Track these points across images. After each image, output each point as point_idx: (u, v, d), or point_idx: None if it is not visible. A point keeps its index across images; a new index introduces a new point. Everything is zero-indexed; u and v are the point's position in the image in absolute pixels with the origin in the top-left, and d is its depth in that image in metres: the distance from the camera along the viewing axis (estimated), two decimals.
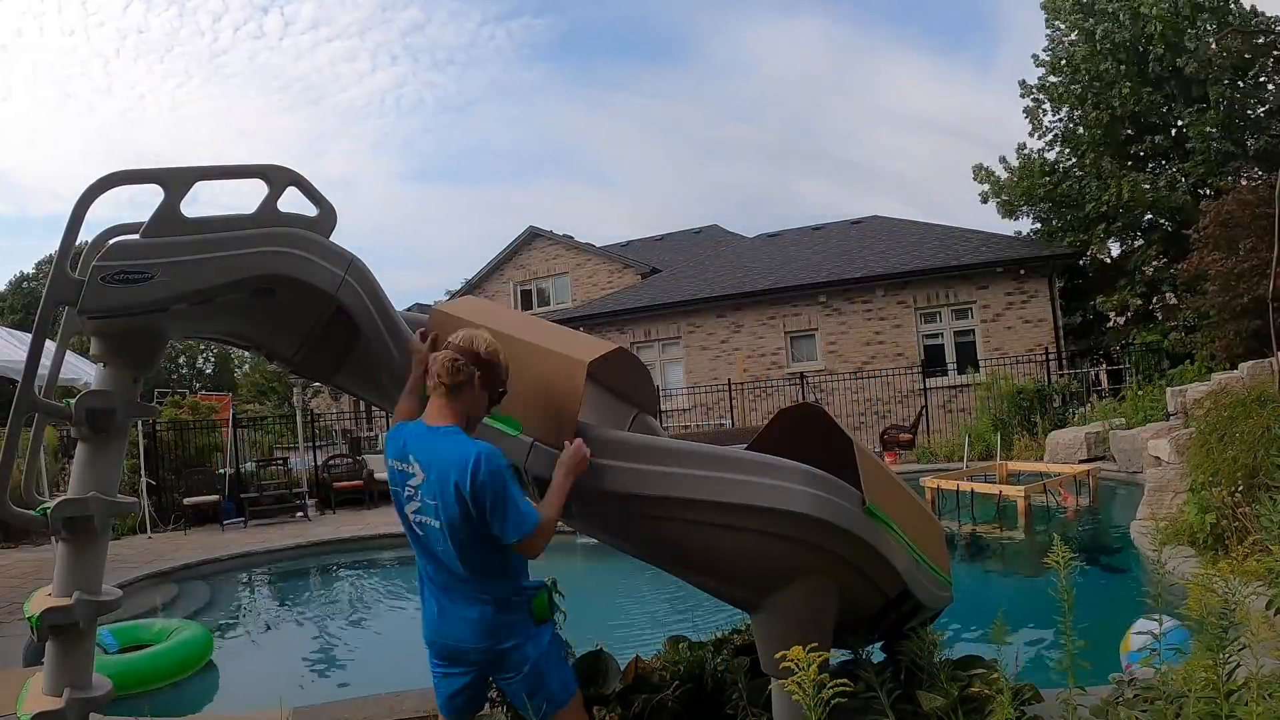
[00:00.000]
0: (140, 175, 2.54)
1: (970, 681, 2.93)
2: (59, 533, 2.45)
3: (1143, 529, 7.12)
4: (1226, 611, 2.23)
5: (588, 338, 3.04)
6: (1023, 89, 20.72)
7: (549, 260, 27.96)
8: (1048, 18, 20.15)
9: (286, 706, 4.18)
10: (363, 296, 2.61)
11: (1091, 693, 2.94)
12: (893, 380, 17.48)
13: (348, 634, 7.48)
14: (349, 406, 21.48)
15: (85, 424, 2.43)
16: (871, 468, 2.89)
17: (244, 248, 2.45)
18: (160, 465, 13.87)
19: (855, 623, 3.05)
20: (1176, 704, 2.31)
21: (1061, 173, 20.07)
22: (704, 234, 29.91)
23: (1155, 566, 2.76)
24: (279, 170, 2.62)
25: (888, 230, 21.90)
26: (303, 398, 15.34)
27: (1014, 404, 14.79)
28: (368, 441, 19.21)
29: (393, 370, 2.71)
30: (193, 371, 54.03)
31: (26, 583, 8.34)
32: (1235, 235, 13.64)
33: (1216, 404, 7.43)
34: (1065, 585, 2.43)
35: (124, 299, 2.30)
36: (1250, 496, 5.65)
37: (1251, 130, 18.61)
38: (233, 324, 2.71)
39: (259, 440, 18.65)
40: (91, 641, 2.57)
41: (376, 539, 11.09)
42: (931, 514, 3.56)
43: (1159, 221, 19.17)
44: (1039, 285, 17.84)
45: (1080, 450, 11.88)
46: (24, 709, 2.41)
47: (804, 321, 19.38)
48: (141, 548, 10.84)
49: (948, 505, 10.33)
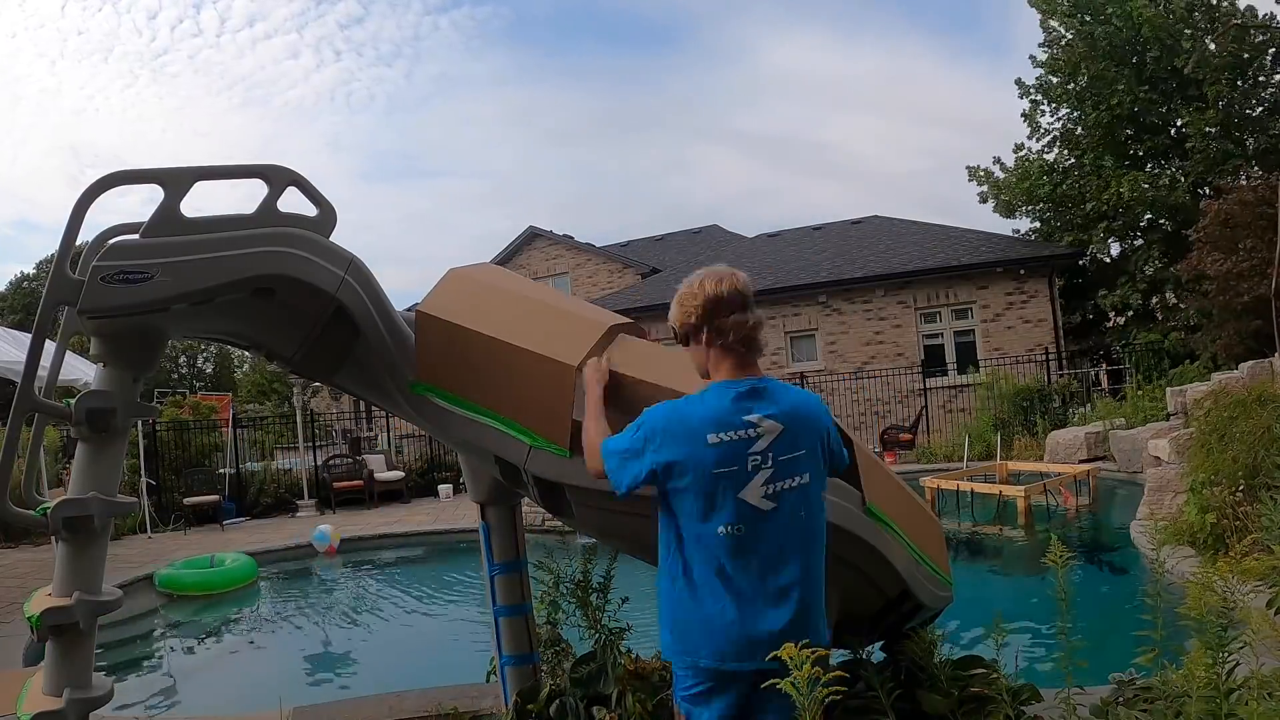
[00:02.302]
0: (140, 175, 2.54)
1: (970, 681, 2.93)
2: (59, 533, 2.44)
3: (1143, 529, 7.11)
4: (1226, 610, 2.23)
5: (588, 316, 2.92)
6: (1020, 88, 20.73)
7: (549, 260, 27.97)
8: (1041, 19, 20.13)
9: (286, 706, 4.18)
10: (363, 297, 2.61)
11: (1091, 692, 2.94)
12: (893, 380, 17.48)
13: (348, 634, 7.48)
14: (349, 406, 21.45)
15: (85, 424, 2.43)
16: (871, 468, 2.88)
17: (244, 248, 2.44)
18: (160, 465, 13.87)
19: (855, 623, 3.05)
20: (1176, 704, 2.31)
21: (1061, 172, 20.07)
22: (704, 234, 29.90)
23: (1155, 566, 2.76)
24: (279, 170, 2.62)
25: (888, 230, 21.89)
26: (303, 398, 15.29)
27: (1014, 404, 14.78)
28: (368, 441, 19.19)
29: (393, 371, 2.71)
30: (193, 371, 54.03)
31: (26, 583, 8.34)
32: (1235, 235, 13.64)
33: (1217, 404, 7.43)
34: (1063, 585, 2.43)
35: (124, 299, 2.29)
36: (1250, 496, 5.65)
37: (1251, 129, 18.61)
38: (233, 324, 2.71)
39: (259, 440, 18.65)
40: (92, 641, 2.57)
41: (377, 539, 11.11)
42: (931, 514, 3.55)
43: (1159, 221, 19.17)
44: (1039, 285, 17.84)
45: (1080, 450, 11.87)
46: (24, 709, 2.41)
47: (804, 321, 19.38)
48: (141, 548, 10.84)
49: (948, 505, 10.33)
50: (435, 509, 13.09)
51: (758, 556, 2.05)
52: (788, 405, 2.13)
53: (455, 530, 10.79)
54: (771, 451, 2.06)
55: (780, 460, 2.06)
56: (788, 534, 2.07)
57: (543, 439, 2.58)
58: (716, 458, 2.03)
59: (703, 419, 2.07)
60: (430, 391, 2.71)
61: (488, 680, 3.86)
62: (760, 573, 2.05)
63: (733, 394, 2.10)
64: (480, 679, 3.98)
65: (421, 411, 2.76)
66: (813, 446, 2.14)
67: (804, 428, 2.13)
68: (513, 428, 2.63)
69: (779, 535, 2.06)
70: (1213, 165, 17.79)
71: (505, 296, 2.90)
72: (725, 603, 2.05)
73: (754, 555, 2.05)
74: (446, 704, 3.91)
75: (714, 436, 2.04)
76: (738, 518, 2.03)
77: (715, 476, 2.03)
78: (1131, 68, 18.74)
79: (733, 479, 2.04)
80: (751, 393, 2.12)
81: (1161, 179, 18.70)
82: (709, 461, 2.03)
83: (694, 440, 2.04)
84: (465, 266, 3.05)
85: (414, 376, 2.73)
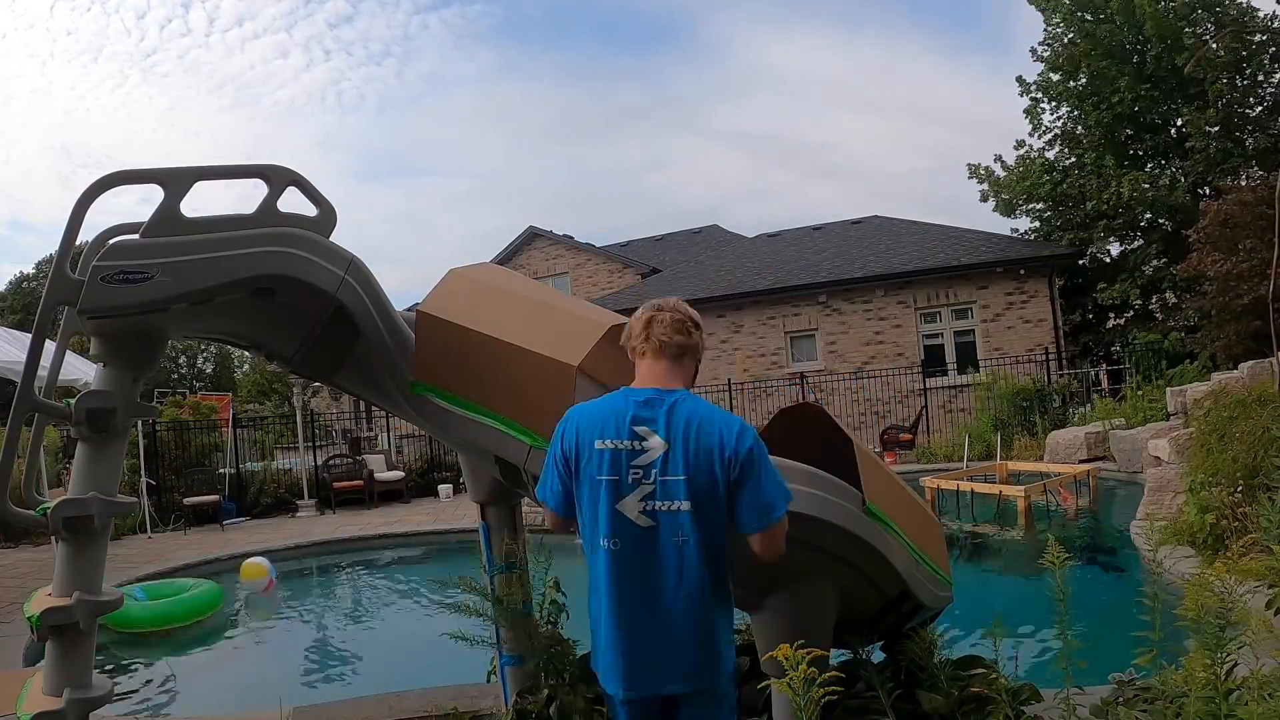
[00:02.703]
0: (140, 175, 2.54)
1: (970, 681, 2.93)
2: (59, 533, 2.45)
3: (1142, 529, 7.12)
4: (1224, 611, 2.23)
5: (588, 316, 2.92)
6: (1021, 86, 20.73)
7: (549, 260, 27.98)
8: (1045, 15, 20.13)
9: (286, 706, 4.18)
10: (363, 297, 2.61)
11: (1091, 692, 2.94)
12: (893, 380, 17.47)
13: (348, 634, 7.48)
14: (349, 406, 21.44)
15: (85, 424, 2.43)
16: (871, 468, 2.89)
17: (244, 248, 2.44)
18: (160, 465, 13.87)
19: (855, 623, 3.05)
20: (1176, 704, 2.31)
21: (1062, 171, 20.08)
22: (704, 234, 29.90)
23: (1154, 566, 2.76)
24: (279, 170, 2.62)
25: (888, 230, 21.89)
26: (303, 398, 15.28)
27: (1014, 404, 14.78)
28: (368, 441, 19.18)
29: (394, 371, 2.71)
30: (193, 371, 53.99)
31: (26, 583, 8.34)
32: (1235, 235, 13.64)
33: (1216, 404, 7.43)
34: (1062, 585, 2.43)
35: (124, 299, 2.30)
36: (1250, 496, 5.65)
37: (1251, 129, 18.62)
38: (233, 324, 2.71)
39: (259, 440, 18.65)
40: (92, 641, 2.57)
41: (377, 539, 11.11)
42: (931, 514, 3.56)
43: (1158, 221, 19.17)
44: (1039, 285, 17.83)
45: (1080, 450, 11.87)
46: (24, 709, 2.41)
47: (804, 321, 19.38)
48: (141, 548, 10.83)
49: (948, 505, 10.33)
50: (435, 509, 13.09)
51: (637, 576, 1.97)
52: (680, 424, 1.98)
53: (455, 530, 10.79)
54: (654, 467, 1.97)
55: (662, 480, 1.96)
56: (666, 557, 1.97)
57: (543, 439, 2.58)
58: (602, 463, 1.99)
59: (597, 420, 2.03)
60: (430, 391, 2.71)
61: (488, 680, 3.87)
62: (638, 594, 1.98)
63: (631, 401, 2.04)
64: (480, 679, 3.98)
65: (421, 411, 2.76)
66: (698, 473, 1.96)
67: (691, 451, 1.96)
68: (513, 427, 2.63)
69: (656, 557, 1.97)
70: (1213, 165, 17.79)
71: (506, 296, 2.90)
72: (610, 624, 1.99)
73: (633, 574, 1.97)
74: (446, 704, 3.91)
75: (600, 442, 2.00)
76: (615, 531, 1.97)
77: (600, 482, 1.99)
78: (1132, 66, 18.74)
79: (613, 489, 1.98)
80: (647, 402, 2.03)
81: (1161, 178, 18.70)
82: (595, 465, 1.99)
83: (588, 439, 2.01)
84: (466, 266, 3.05)
85: (414, 376, 2.73)
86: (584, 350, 2.58)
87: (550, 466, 2.10)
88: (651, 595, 1.97)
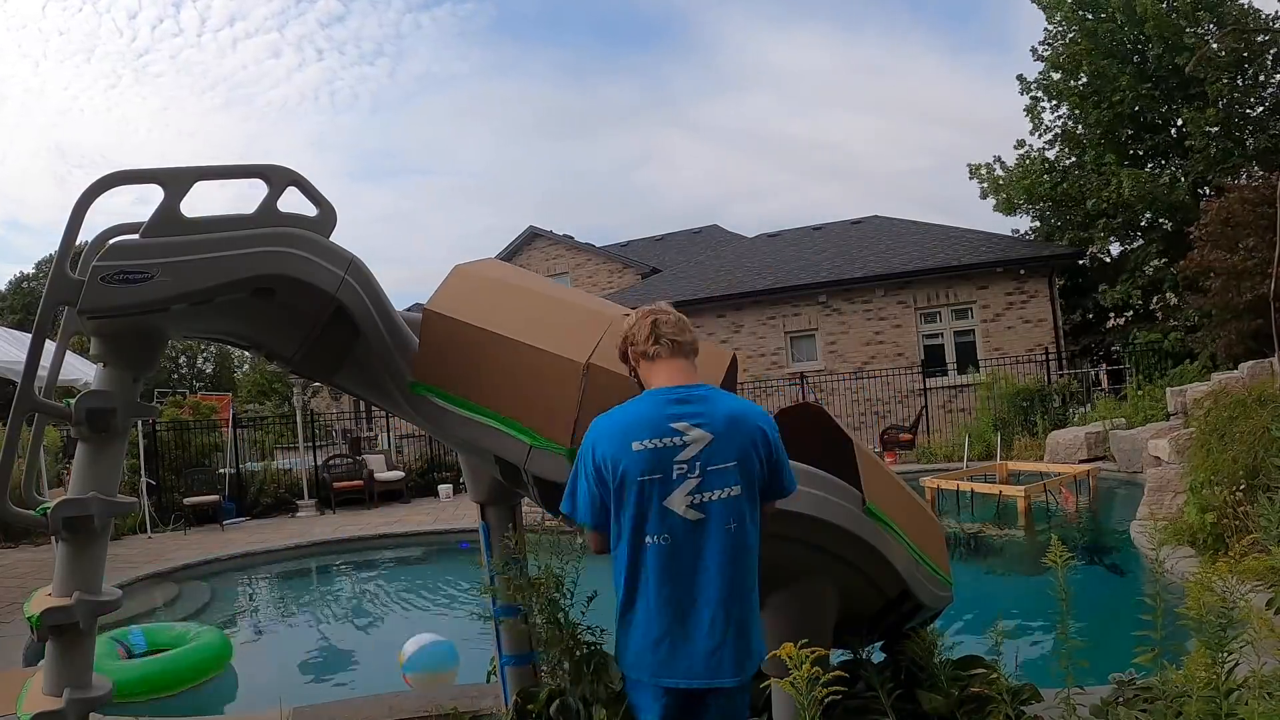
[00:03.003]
0: (140, 175, 2.54)
1: (970, 681, 2.93)
2: (59, 533, 2.44)
3: (1142, 529, 7.11)
4: (1225, 610, 2.23)
5: (594, 309, 2.91)
6: (1022, 85, 20.73)
7: (549, 260, 27.98)
8: (1046, 14, 20.13)
9: (286, 706, 4.18)
10: (363, 297, 2.61)
11: (1091, 692, 2.94)
12: (893, 380, 17.47)
13: (348, 634, 7.48)
14: (349, 406, 21.43)
15: (85, 424, 2.43)
16: (871, 468, 2.89)
17: (244, 248, 2.44)
18: (160, 465, 13.87)
19: (856, 623, 3.05)
20: (1176, 704, 2.31)
21: (1062, 171, 20.07)
22: (704, 234, 29.91)
23: (1154, 566, 2.76)
24: (279, 170, 2.62)
25: (888, 230, 21.89)
26: (303, 398, 15.28)
27: (1014, 404, 14.78)
28: (368, 441, 19.18)
29: (393, 371, 2.70)
30: (193, 371, 54.01)
31: (26, 583, 8.34)
32: (1236, 234, 13.64)
33: (1217, 404, 7.43)
34: (1063, 585, 2.43)
35: (124, 299, 2.29)
36: (1250, 496, 5.65)
37: (1251, 129, 18.62)
38: (233, 324, 2.71)
39: (259, 440, 18.65)
40: (92, 641, 2.57)
41: (376, 539, 11.11)
42: (931, 514, 3.55)
43: (1159, 220, 19.17)
44: (1039, 285, 17.83)
45: (1080, 450, 11.87)
46: (24, 709, 2.41)
47: (804, 321, 19.38)
48: (141, 547, 10.83)
49: (948, 505, 10.33)
50: (435, 509, 13.09)
51: (687, 568, 2.03)
52: (720, 414, 2.08)
53: (455, 530, 10.79)
54: (699, 460, 2.03)
55: (709, 470, 2.03)
56: (717, 546, 2.03)
57: (543, 439, 2.57)
58: (642, 464, 2.02)
59: (629, 424, 2.07)
60: (430, 391, 2.71)
61: (488, 680, 3.87)
62: (689, 586, 2.03)
63: (662, 400, 2.10)
64: (480, 679, 3.99)
65: (421, 411, 2.76)
66: (746, 458, 2.07)
67: (736, 439, 2.06)
68: (513, 427, 2.63)
69: (708, 547, 2.03)
70: (1213, 164, 17.79)
71: (511, 292, 2.89)
72: (656, 617, 2.04)
73: (683, 567, 2.03)
74: (446, 704, 3.91)
75: (638, 443, 2.03)
76: (664, 527, 2.02)
77: (641, 483, 2.02)
78: (1133, 65, 18.74)
79: (658, 486, 2.02)
80: (682, 399, 2.09)
81: (1162, 178, 18.70)
82: (635, 467, 2.02)
83: (623, 444, 2.04)
84: (470, 263, 3.04)
85: (414, 376, 2.72)
86: (590, 345, 2.57)
87: (581, 483, 2.12)
88: (703, 587, 2.03)
